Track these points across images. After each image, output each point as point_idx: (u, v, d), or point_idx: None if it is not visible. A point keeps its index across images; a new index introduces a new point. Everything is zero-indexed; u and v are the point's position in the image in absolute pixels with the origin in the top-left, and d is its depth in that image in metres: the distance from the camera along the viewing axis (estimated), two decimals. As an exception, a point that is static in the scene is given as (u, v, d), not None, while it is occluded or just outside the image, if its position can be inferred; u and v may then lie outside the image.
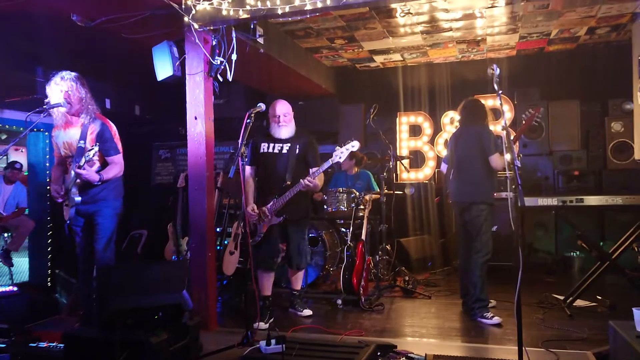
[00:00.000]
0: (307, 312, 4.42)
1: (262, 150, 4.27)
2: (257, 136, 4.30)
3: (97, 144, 3.54)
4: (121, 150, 3.77)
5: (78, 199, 3.59)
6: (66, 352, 3.04)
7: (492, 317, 4.02)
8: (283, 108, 4.22)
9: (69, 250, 6.63)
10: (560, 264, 6.09)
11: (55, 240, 6.64)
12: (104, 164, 3.72)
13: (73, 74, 3.72)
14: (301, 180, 4.03)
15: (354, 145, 4.03)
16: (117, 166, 3.72)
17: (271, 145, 4.26)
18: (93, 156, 3.46)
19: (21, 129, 6.32)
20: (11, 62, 5.37)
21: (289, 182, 4.12)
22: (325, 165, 4.02)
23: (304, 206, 4.36)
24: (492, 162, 4.10)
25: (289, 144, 4.23)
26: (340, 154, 4.01)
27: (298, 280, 4.52)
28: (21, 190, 6.68)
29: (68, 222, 3.77)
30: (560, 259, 6.12)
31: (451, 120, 6.96)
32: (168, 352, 2.96)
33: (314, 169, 4.10)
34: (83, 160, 3.48)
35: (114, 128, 3.77)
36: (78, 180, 3.59)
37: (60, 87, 3.65)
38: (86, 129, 3.64)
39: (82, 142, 3.59)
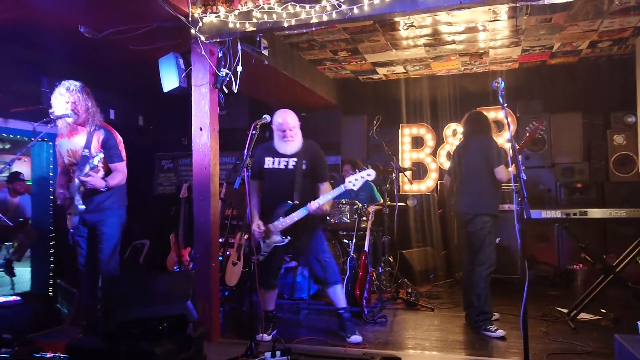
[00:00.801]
0: (356, 338, 3.87)
1: (266, 166, 3.99)
2: (260, 149, 4.04)
3: (102, 151, 3.58)
4: (125, 158, 3.82)
5: (82, 207, 3.60)
6: (70, 362, 3.03)
7: (496, 330, 4.01)
8: (291, 121, 3.93)
9: (70, 260, 6.66)
10: (562, 277, 6.07)
11: (57, 250, 6.63)
12: (108, 172, 3.74)
13: (78, 83, 3.75)
14: (310, 204, 3.78)
15: (370, 175, 3.78)
16: (120, 174, 3.74)
17: (276, 160, 3.99)
18: (97, 163, 3.50)
19: (25, 138, 6.34)
20: (17, 72, 5.41)
21: (297, 202, 3.85)
22: (336, 192, 3.79)
23: (314, 222, 4.01)
24: (497, 174, 4.11)
25: (295, 159, 3.95)
26: (355, 181, 3.75)
27: (337, 297, 4.04)
28: (25, 201, 6.70)
29: (72, 230, 3.76)
30: (562, 272, 6.10)
31: (453, 132, 6.99)
32: (172, 363, 2.96)
33: (324, 195, 3.83)
34: (88, 167, 3.49)
35: (118, 136, 3.82)
36: (82, 188, 3.60)
37: (66, 98, 3.67)
38: (91, 137, 3.67)
39: (86, 150, 3.61)
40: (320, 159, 4.04)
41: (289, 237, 3.89)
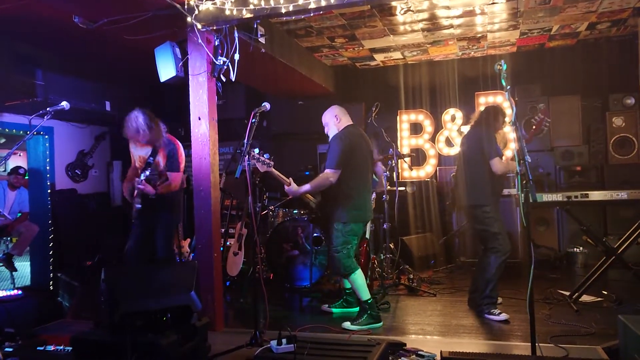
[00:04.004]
0: (352, 326, 3.94)
1: None
2: None
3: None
4: (182, 170, 4.18)
5: (138, 206, 3.94)
6: (75, 355, 3.02)
7: (500, 313, 4.02)
8: (323, 118, 4.34)
9: (70, 253, 6.65)
10: (563, 260, 6.10)
11: (56, 243, 6.61)
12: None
13: (147, 113, 3.96)
14: None
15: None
16: (174, 182, 4.08)
17: None
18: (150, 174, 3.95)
19: (21, 132, 6.29)
20: (11, 65, 5.34)
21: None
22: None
23: (331, 215, 4.10)
24: (492, 167, 4.10)
25: None
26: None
27: (353, 288, 4.08)
28: (24, 195, 6.66)
29: (133, 221, 4.12)
30: (563, 255, 6.12)
31: (452, 117, 6.96)
32: (177, 353, 2.94)
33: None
34: (143, 176, 3.86)
35: (181, 149, 4.16)
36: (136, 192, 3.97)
37: (141, 134, 3.91)
38: (158, 149, 4.03)
39: (151, 158, 4.00)
40: (329, 147, 4.11)
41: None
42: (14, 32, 4.97)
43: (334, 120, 4.21)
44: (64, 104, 3.66)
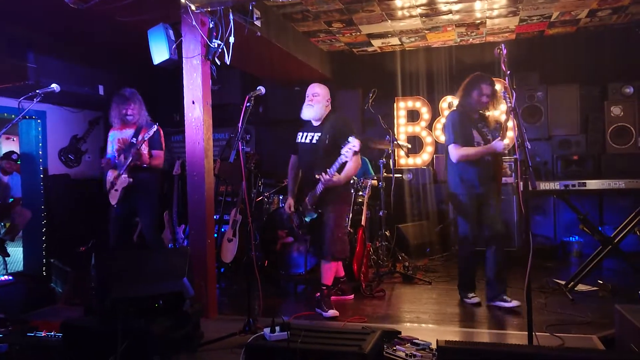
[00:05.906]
0: (333, 312, 3.92)
1: (297, 140, 4.14)
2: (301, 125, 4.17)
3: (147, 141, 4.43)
4: (164, 148, 4.60)
5: (130, 179, 4.35)
6: (65, 341, 2.98)
7: (473, 297, 4.13)
8: (313, 89, 4.08)
9: (63, 238, 6.59)
10: (558, 249, 6.08)
11: (49, 229, 6.55)
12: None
13: (135, 91, 4.56)
14: (322, 176, 3.79)
15: (355, 146, 3.59)
16: (160, 158, 4.53)
17: (304, 134, 4.08)
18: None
19: (12, 116, 6.19)
20: (2, 47, 5.24)
21: (317, 176, 3.86)
22: (336, 164, 3.73)
23: (335, 193, 3.96)
24: (449, 154, 3.98)
25: (319, 133, 3.97)
26: (347, 152, 3.61)
27: (325, 272, 4.04)
28: (16, 181, 6.59)
29: (114, 205, 4.41)
30: (559, 244, 6.11)
31: (449, 105, 6.90)
32: (169, 340, 2.91)
33: (330, 169, 3.78)
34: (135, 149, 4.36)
35: (161, 132, 4.54)
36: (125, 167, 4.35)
37: (125, 108, 4.46)
38: (140, 130, 4.45)
39: (134, 138, 4.39)
40: (341, 132, 3.84)
41: (319, 211, 3.99)
42: (5, 13, 4.85)
43: (325, 103, 4.10)
44: (54, 86, 3.60)
